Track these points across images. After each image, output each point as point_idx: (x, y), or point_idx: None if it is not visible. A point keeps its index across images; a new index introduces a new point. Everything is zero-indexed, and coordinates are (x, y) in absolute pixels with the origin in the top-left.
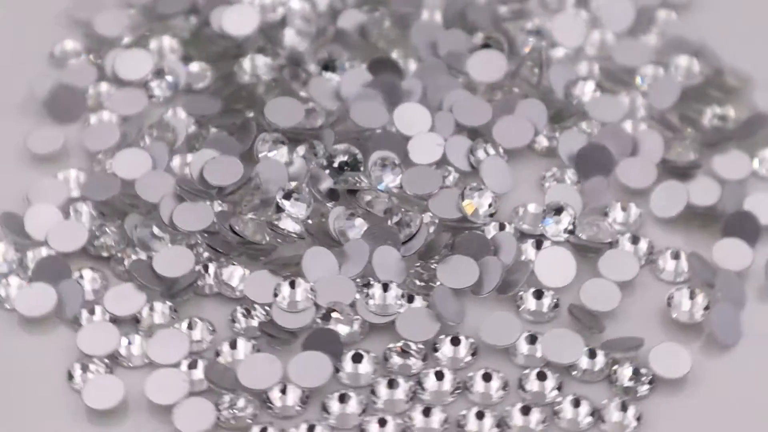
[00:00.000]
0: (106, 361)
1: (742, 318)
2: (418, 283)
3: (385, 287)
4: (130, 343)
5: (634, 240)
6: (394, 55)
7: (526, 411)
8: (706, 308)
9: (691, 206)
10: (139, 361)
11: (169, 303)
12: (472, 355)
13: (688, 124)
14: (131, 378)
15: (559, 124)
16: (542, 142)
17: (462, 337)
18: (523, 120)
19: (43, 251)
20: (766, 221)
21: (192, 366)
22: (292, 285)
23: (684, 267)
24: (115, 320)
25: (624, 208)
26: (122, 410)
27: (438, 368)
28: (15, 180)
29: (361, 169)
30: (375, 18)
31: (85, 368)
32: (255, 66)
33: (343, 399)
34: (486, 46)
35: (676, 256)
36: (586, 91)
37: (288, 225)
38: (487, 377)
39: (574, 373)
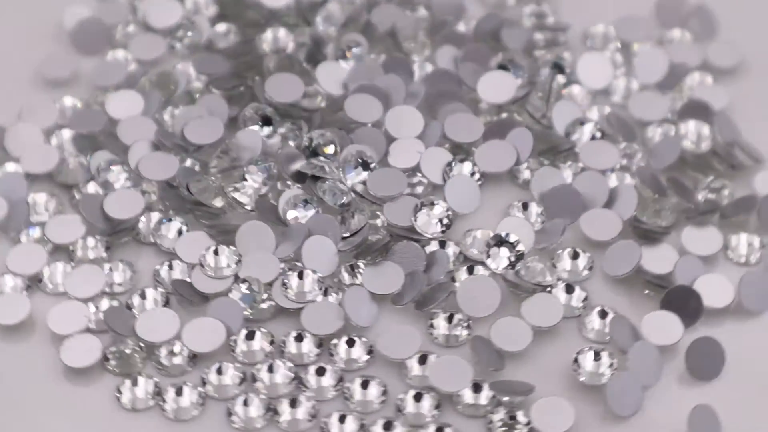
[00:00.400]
0: (27, 281)
1: (652, 393)
2: (347, 279)
3: (301, 275)
4: (53, 270)
5: (569, 289)
6: (417, 57)
7: (388, 426)
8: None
9: (643, 271)
10: (58, 289)
11: (103, 242)
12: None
13: (676, 190)
14: (48, 304)
15: (549, 160)
16: (524, 173)
17: (358, 340)
18: (508, 147)
19: (11, 167)
20: (710, 303)
21: (99, 306)
22: (217, 252)
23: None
24: (56, 247)
25: (574, 257)
26: (26, 330)
27: (322, 364)
28: (21, 99)
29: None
30: (408, 19)
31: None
32: (276, 39)
33: (220, 371)
34: (503, 67)
35: (603, 315)
36: (585, 133)
37: (241, 196)
38: (364, 385)
39: (457, 405)
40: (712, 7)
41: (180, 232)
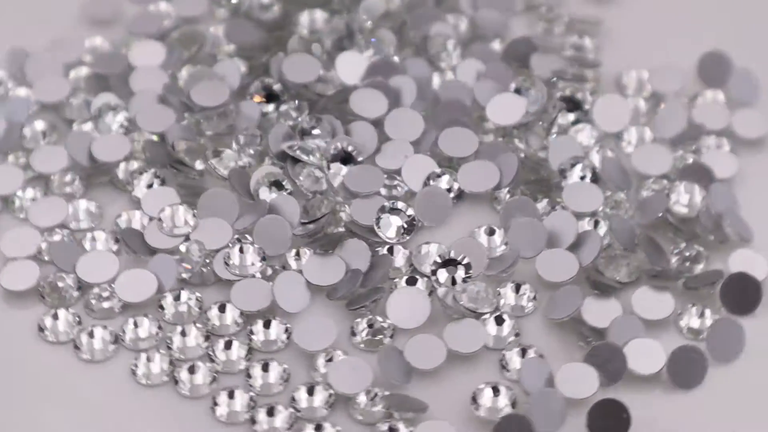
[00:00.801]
0: None
1: None
2: (293, 263)
3: (242, 249)
4: (25, 195)
5: (499, 321)
6: (443, 64)
7: (270, 412)
8: None
9: (581, 321)
10: (23, 214)
11: (82, 180)
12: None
13: (647, 249)
14: (11, 225)
15: (531, 191)
16: (504, 199)
17: (276, 322)
18: (493, 169)
19: (22, 91)
20: (635, 368)
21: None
22: (177, 210)
23: None
24: (38, 176)
25: (517, 290)
26: None
27: (229, 338)
28: (59, 31)
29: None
30: (444, 27)
31: None
32: (313, 21)
33: (137, 324)
34: (519, 91)
35: (523, 354)
36: (575, 172)
37: (219, 162)
38: (265, 367)
39: (351, 408)
40: (760, 74)
41: (151, 185)
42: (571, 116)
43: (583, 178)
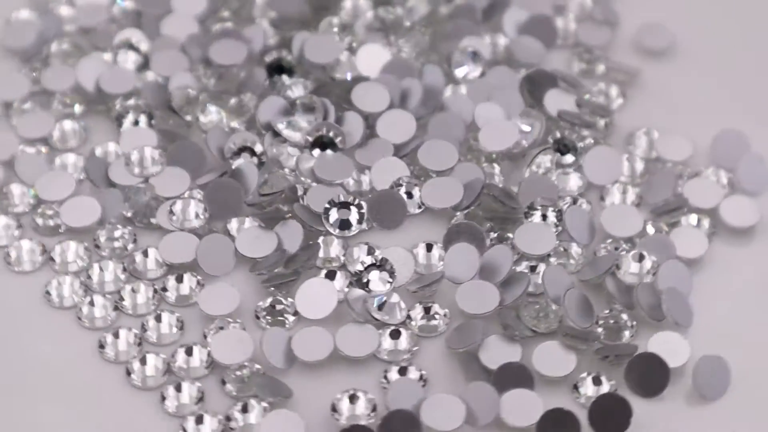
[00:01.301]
0: None
1: None
2: (234, 227)
3: (187, 203)
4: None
5: (395, 335)
6: (459, 75)
7: (178, 388)
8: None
9: (476, 356)
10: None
11: (82, 104)
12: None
13: (570, 306)
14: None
15: (491, 222)
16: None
17: (189, 277)
18: (457, 189)
19: (65, 10)
20: (507, 417)
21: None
22: (141, 152)
23: None
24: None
25: (426, 310)
26: None
27: (139, 282)
28: None
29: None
30: (478, 43)
31: None
32: (356, 7)
33: (66, 247)
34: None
35: (402, 372)
36: (535, 216)
37: (205, 116)
38: (158, 318)
39: (225, 377)
40: None
41: (137, 122)
42: (559, 158)
43: (545, 220)
